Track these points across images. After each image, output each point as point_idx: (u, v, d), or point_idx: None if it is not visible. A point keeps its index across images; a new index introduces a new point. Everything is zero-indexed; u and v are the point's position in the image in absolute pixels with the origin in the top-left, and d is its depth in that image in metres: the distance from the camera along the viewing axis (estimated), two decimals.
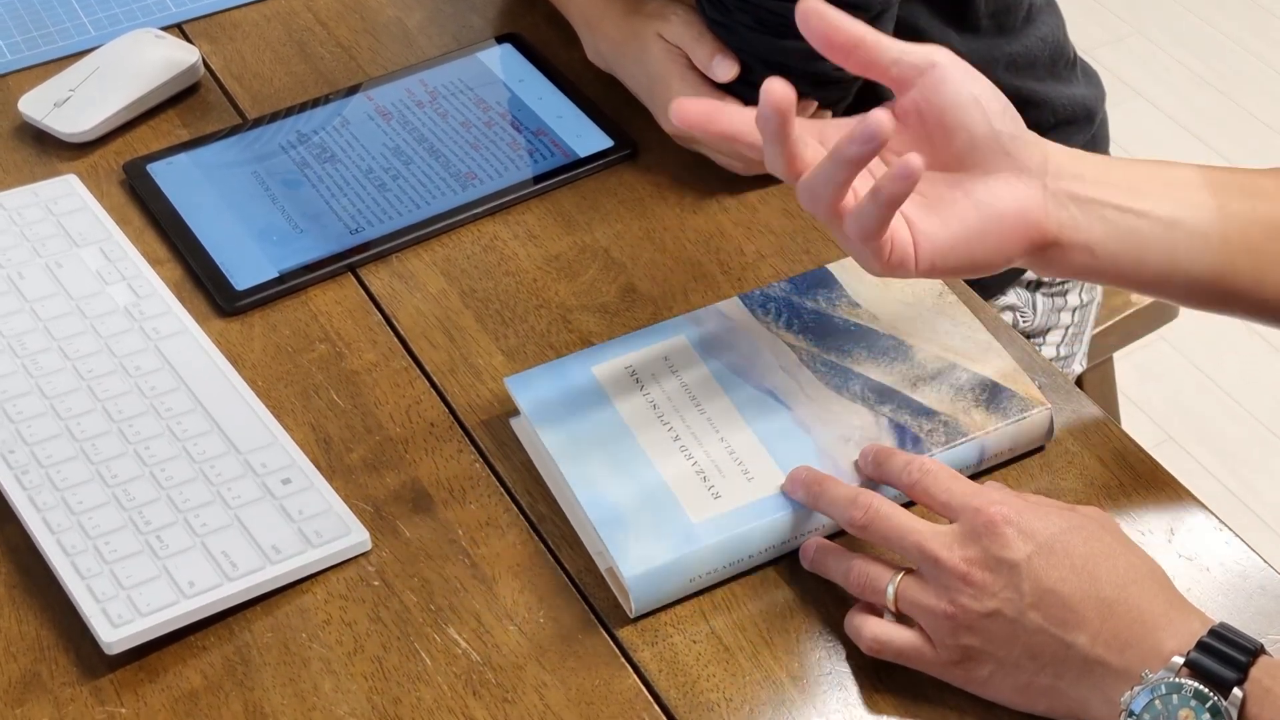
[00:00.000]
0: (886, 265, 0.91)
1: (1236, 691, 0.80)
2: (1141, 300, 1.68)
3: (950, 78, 0.92)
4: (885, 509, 0.91)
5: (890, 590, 0.90)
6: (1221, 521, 0.99)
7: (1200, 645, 0.82)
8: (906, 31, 1.26)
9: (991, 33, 1.34)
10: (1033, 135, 0.94)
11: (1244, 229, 0.95)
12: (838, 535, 0.97)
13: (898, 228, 0.91)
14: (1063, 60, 1.42)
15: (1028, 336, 1.45)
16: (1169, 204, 0.94)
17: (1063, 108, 1.40)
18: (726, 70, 1.14)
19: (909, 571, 0.90)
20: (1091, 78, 1.47)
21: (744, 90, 1.15)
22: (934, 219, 0.92)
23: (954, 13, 1.30)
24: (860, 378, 1.02)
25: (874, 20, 1.13)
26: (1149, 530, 0.98)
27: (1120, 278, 0.95)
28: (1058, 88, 1.40)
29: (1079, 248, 0.93)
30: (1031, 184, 0.92)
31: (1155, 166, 0.96)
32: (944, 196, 0.93)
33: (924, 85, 0.92)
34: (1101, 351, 1.68)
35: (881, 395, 1.01)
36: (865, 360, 1.03)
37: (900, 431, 0.99)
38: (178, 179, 1.22)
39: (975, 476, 1.01)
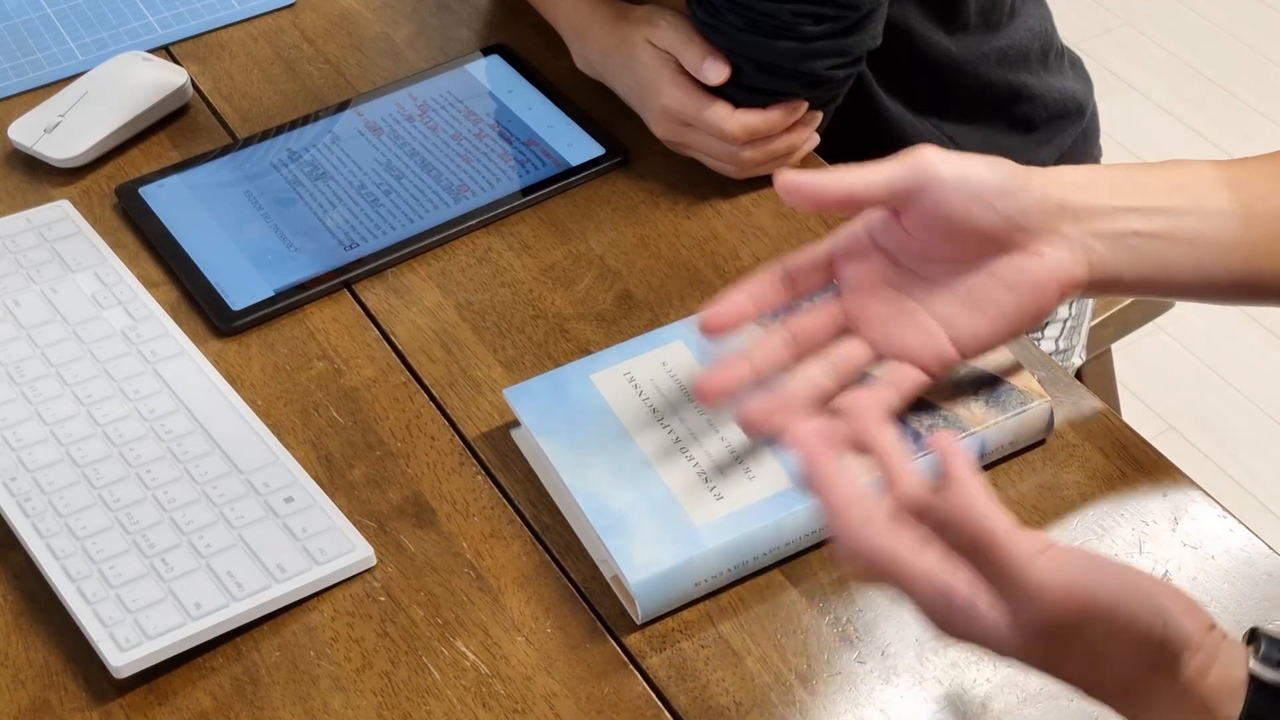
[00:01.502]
0: (934, 378, 0.95)
1: None
2: None
3: (947, 188, 0.91)
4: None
5: None
6: (1225, 509, 0.99)
7: None
8: (897, 31, 1.26)
9: (980, 29, 1.34)
10: (1040, 182, 0.93)
11: (1269, 228, 0.94)
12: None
13: (932, 338, 0.94)
14: (1052, 52, 1.42)
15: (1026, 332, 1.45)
16: (1192, 219, 0.93)
17: (1054, 101, 1.40)
18: (718, 73, 1.14)
19: None
20: (1079, 70, 1.47)
21: (735, 93, 1.15)
22: (968, 312, 0.94)
23: (943, 12, 1.31)
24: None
25: (863, 19, 1.13)
26: (1152, 520, 0.98)
27: (1147, 292, 0.96)
28: (1048, 80, 1.40)
29: (1109, 280, 0.93)
30: (1054, 243, 0.92)
31: (1172, 174, 0.95)
32: (974, 286, 0.93)
33: (925, 201, 0.92)
34: (1100, 343, 1.68)
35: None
36: None
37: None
38: (170, 201, 1.22)
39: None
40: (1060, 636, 0.75)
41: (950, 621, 0.77)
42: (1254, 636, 0.78)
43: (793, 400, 0.94)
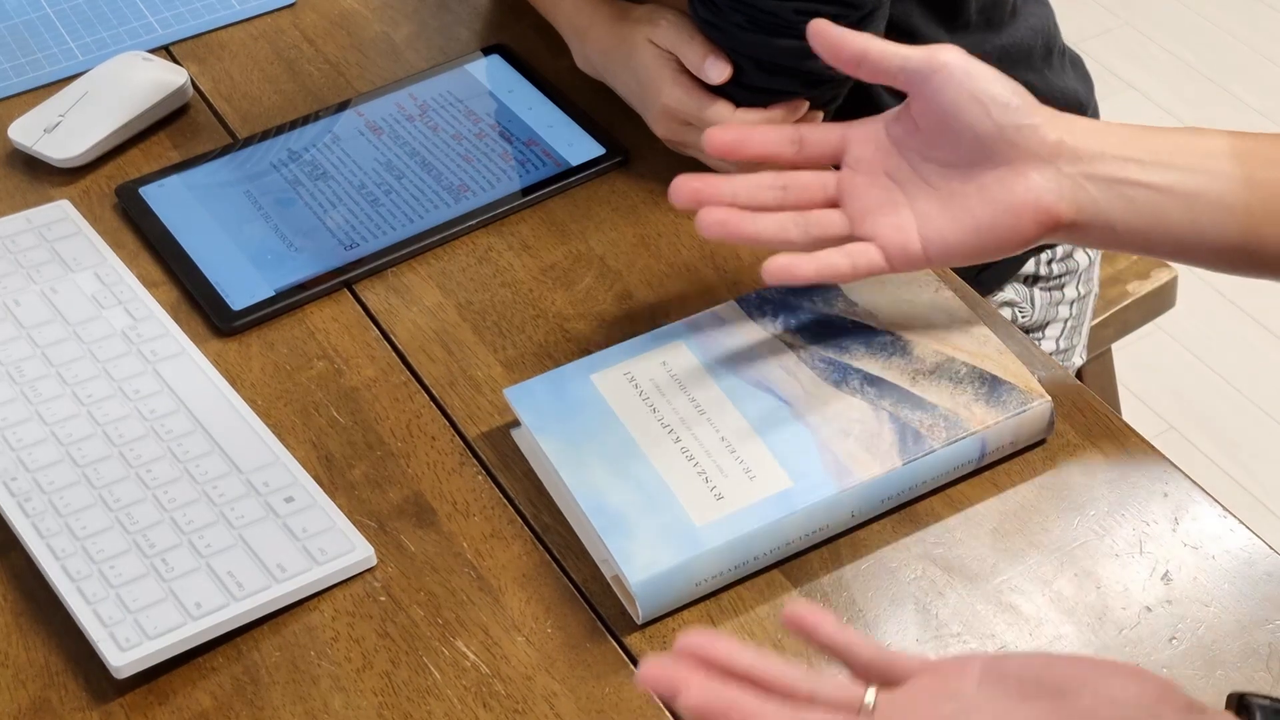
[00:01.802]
0: (893, 267, 0.97)
1: None
2: (1139, 291, 1.68)
3: (951, 80, 0.95)
4: None
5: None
6: (1226, 509, 0.99)
7: None
8: (898, 30, 1.26)
9: (981, 27, 1.34)
10: (1048, 116, 0.95)
11: (1269, 198, 0.94)
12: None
13: (904, 229, 0.95)
14: (1055, 51, 1.42)
15: (1026, 331, 1.45)
16: (1192, 177, 0.94)
17: (1055, 100, 1.40)
18: (719, 72, 1.14)
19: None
20: (1080, 69, 1.47)
21: (736, 91, 1.15)
22: (944, 215, 0.96)
23: (945, 10, 1.31)
24: (859, 373, 1.02)
25: (865, 18, 1.13)
26: (1152, 520, 0.98)
27: (1142, 248, 0.97)
28: (1050, 79, 1.40)
29: (1099, 225, 0.95)
30: (1044, 171, 0.94)
31: (1182, 136, 0.96)
32: (955, 191, 0.96)
33: (927, 90, 0.96)
34: (1100, 343, 1.68)
35: (881, 390, 1.01)
36: (864, 356, 1.03)
37: (900, 427, 0.99)
38: (170, 201, 1.22)
39: (978, 471, 1.01)
40: None
41: None
42: (1243, 706, 0.77)
43: (757, 227, 0.99)
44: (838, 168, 1.01)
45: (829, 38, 0.98)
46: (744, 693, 0.76)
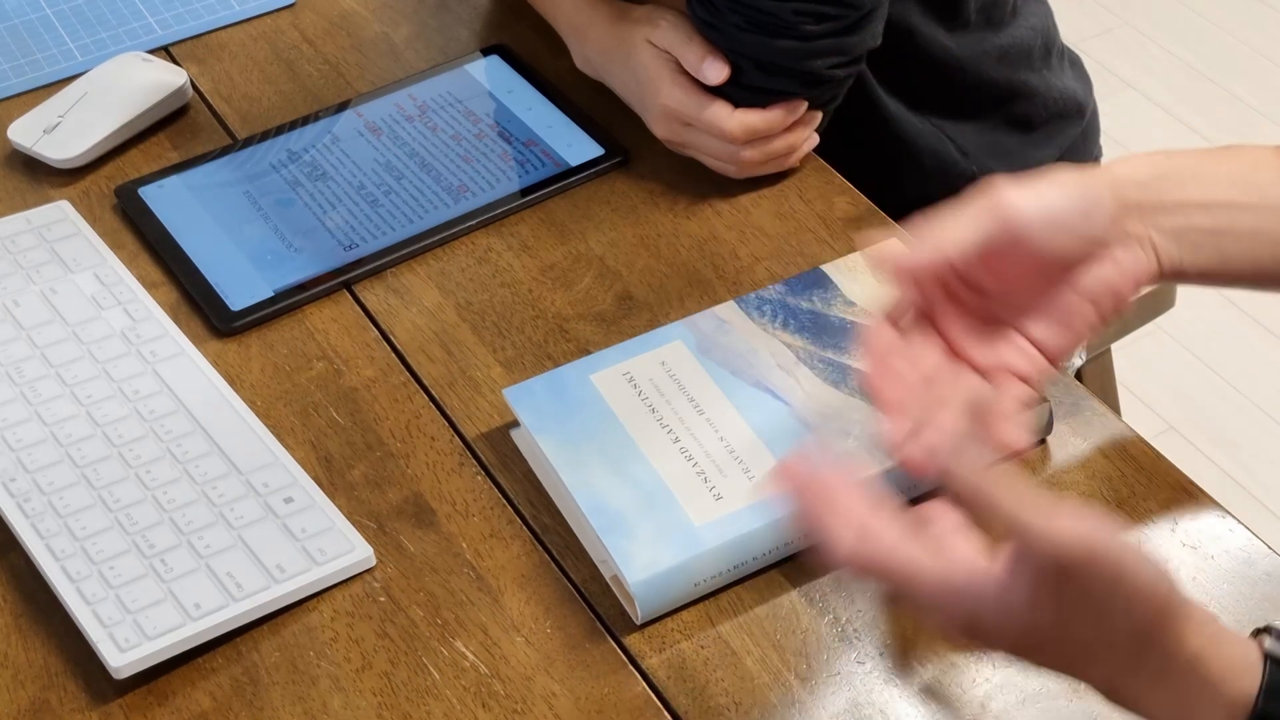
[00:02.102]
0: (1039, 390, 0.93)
1: None
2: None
3: (1033, 234, 0.89)
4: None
5: None
6: (1225, 510, 0.99)
7: None
8: (898, 29, 1.26)
9: (980, 27, 1.34)
10: (1109, 191, 0.91)
11: None
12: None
13: (1028, 360, 0.93)
14: (1054, 51, 1.42)
15: None
16: (1249, 215, 0.93)
17: (1054, 101, 1.40)
18: (717, 73, 1.14)
19: None
20: (1079, 69, 1.47)
21: (735, 92, 1.15)
22: (1059, 331, 0.93)
23: (944, 10, 1.30)
24: (859, 373, 1.02)
25: (864, 18, 1.13)
26: (1152, 520, 0.98)
27: (1208, 283, 0.96)
28: (1049, 79, 1.40)
29: (1173, 272, 0.93)
30: (1127, 245, 0.91)
31: (1234, 165, 0.94)
32: (1058, 305, 0.92)
33: (1014, 253, 0.90)
34: (1099, 343, 1.68)
35: None
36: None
37: None
38: (170, 201, 1.22)
39: None
40: (1067, 583, 0.74)
41: (956, 609, 0.77)
42: (1262, 630, 0.78)
43: (946, 442, 0.91)
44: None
45: (907, 268, 0.91)
46: (894, 548, 0.77)
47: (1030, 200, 0.91)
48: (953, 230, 0.90)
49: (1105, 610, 0.76)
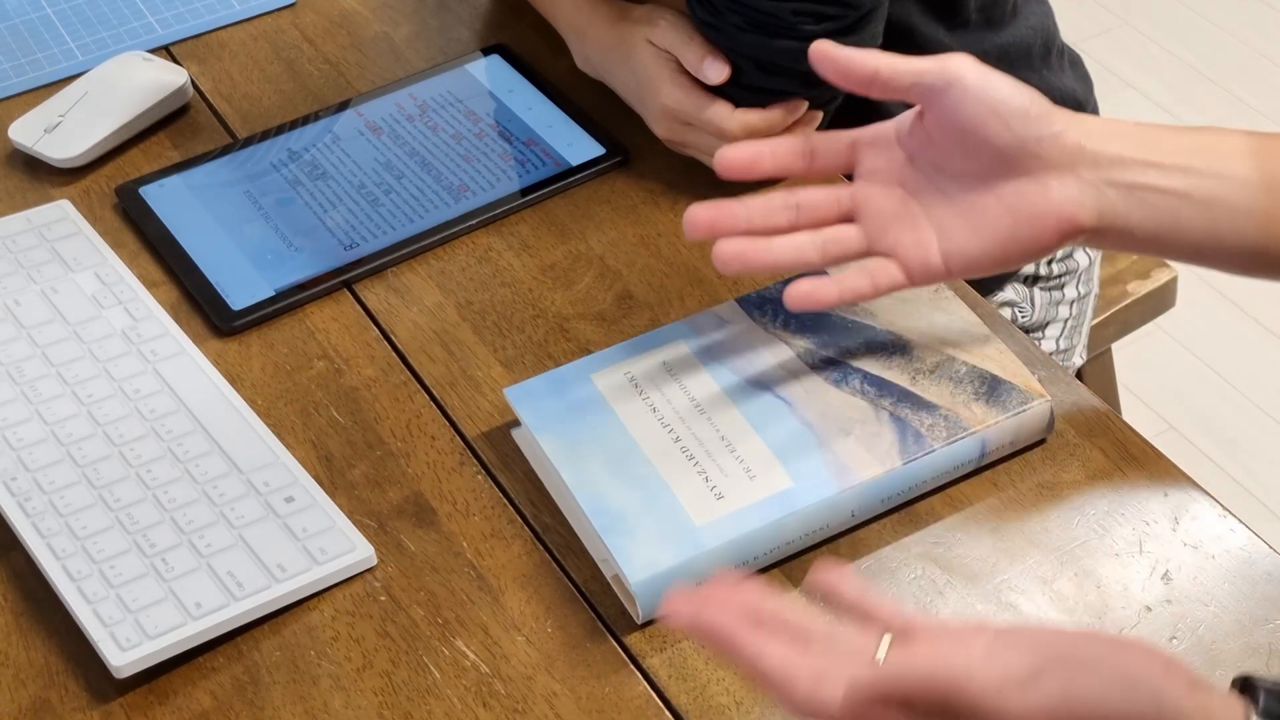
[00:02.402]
0: (914, 282, 0.96)
1: None
2: (1139, 290, 1.68)
3: (967, 94, 0.93)
4: None
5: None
6: (1225, 509, 0.99)
7: None
8: (898, 29, 1.26)
9: (980, 26, 1.34)
10: (1067, 122, 0.94)
11: None
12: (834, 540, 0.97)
13: (923, 243, 0.95)
14: (1054, 50, 1.42)
15: (1026, 331, 1.45)
16: (1210, 181, 0.93)
17: (1054, 100, 1.39)
18: (717, 72, 1.15)
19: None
20: (1079, 69, 1.47)
21: (735, 92, 1.15)
22: (964, 228, 0.95)
23: (944, 9, 1.30)
24: (859, 372, 1.02)
25: (864, 18, 1.13)
26: (1153, 520, 0.98)
27: (1158, 251, 0.96)
28: (1049, 78, 1.40)
29: (1117, 230, 0.93)
30: (1064, 180, 0.93)
31: (1202, 137, 0.95)
32: (975, 204, 0.95)
33: (943, 104, 0.94)
34: (1100, 343, 1.68)
35: (881, 389, 1.01)
36: (864, 355, 1.03)
37: (901, 426, 0.99)
38: (170, 201, 1.22)
39: (978, 471, 1.01)
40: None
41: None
42: (1246, 686, 0.77)
43: (774, 253, 0.97)
44: (849, 178, 1.01)
45: (835, 61, 0.96)
46: (754, 628, 0.77)
47: (977, 70, 0.94)
48: (896, 58, 0.94)
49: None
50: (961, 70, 0.94)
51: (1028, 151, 0.93)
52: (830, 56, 0.95)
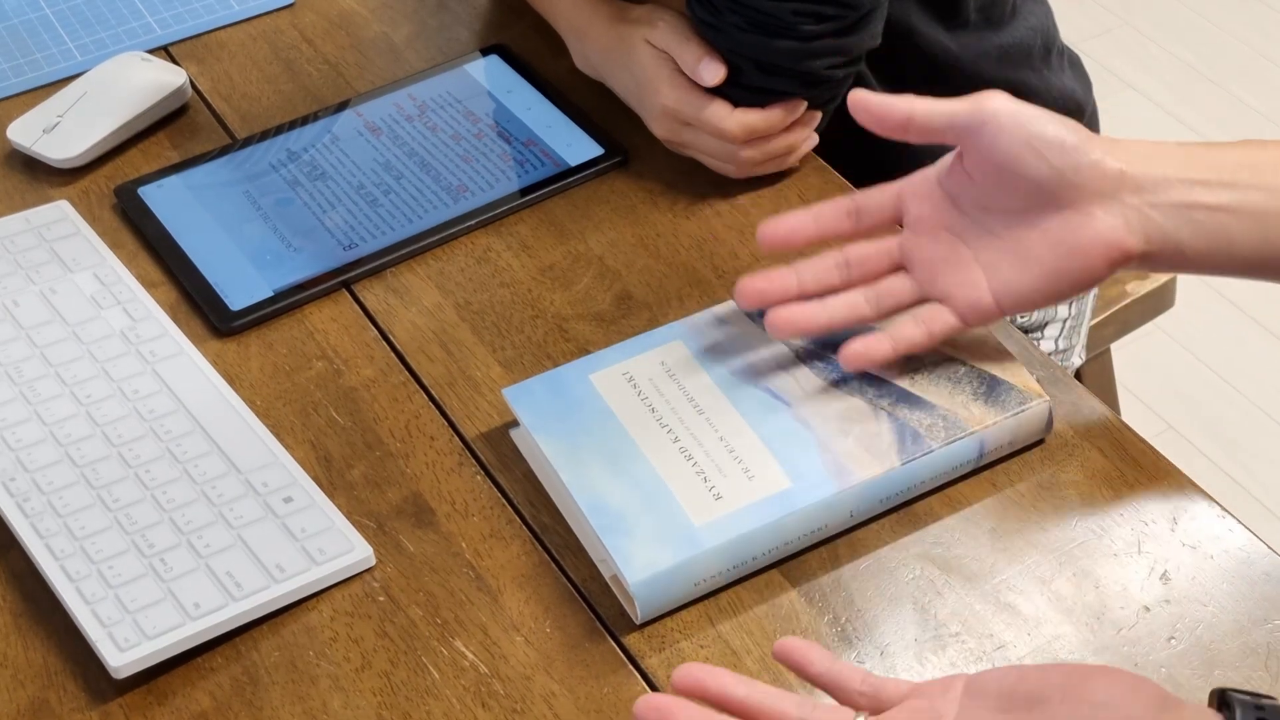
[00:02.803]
0: (968, 324, 0.97)
1: None
2: (1138, 290, 1.68)
3: (1002, 130, 0.92)
4: None
5: None
6: (1224, 509, 0.99)
7: None
8: (897, 29, 1.26)
9: (980, 26, 1.34)
10: (1105, 148, 0.93)
11: None
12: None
13: (974, 284, 0.95)
14: (1054, 50, 1.42)
15: (1025, 331, 1.45)
16: (1258, 194, 0.92)
17: (1054, 101, 1.40)
18: (713, 73, 1.14)
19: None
20: (1079, 69, 1.47)
21: (735, 92, 1.15)
22: (1012, 266, 0.94)
23: (944, 9, 1.30)
24: (858, 373, 1.02)
25: (864, 18, 1.13)
26: (1151, 520, 0.98)
27: (1212, 269, 0.95)
28: (1048, 79, 1.40)
29: (1169, 252, 0.93)
30: (1109, 208, 0.92)
31: (1245, 152, 0.94)
32: (1020, 239, 0.94)
33: (979, 143, 0.93)
34: (1099, 343, 1.68)
35: (880, 389, 1.01)
36: None
37: (899, 427, 0.99)
38: (169, 201, 1.22)
39: (976, 471, 1.01)
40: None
41: None
42: (1224, 701, 0.77)
43: (829, 314, 0.99)
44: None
45: (871, 109, 0.96)
46: None
47: (1012, 105, 0.93)
48: (931, 100, 0.94)
49: None
50: (995, 107, 0.93)
51: (1068, 182, 0.92)
52: (866, 105, 0.96)
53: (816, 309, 0.99)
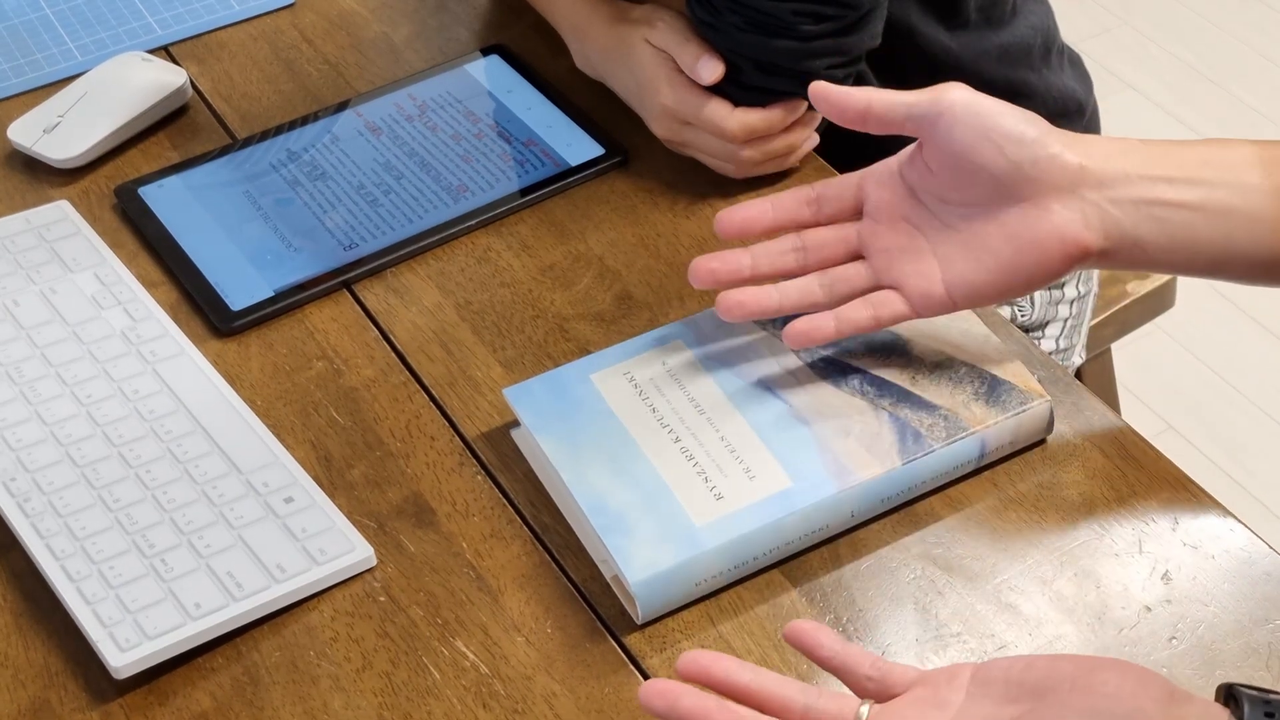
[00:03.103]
0: (918, 313, 0.97)
1: None
2: (1138, 290, 1.68)
3: (958, 121, 0.93)
4: None
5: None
6: (1225, 509, 0.99)
7: None
8: (897, 29, 1.26)
9: (981, 25, 1.34)
10: (1065, 142, 0.92)
11: None
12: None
13: (927, 274, 0.95)
14: (1054, 49, 1.42)
15: (1026, 331, 1.45)
16: (1222, 191, 0.92)
17: (1054, 100, 1.40)
18: (710, 72, 1.14)
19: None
20: (1079, 68, 1.47)
21: (735, 92, 1.15)
22: (967, 258, 0.94)
23: (944, 8, 1.30)
24: (859, 373, 1.02)
25: (864, 18, 1.13)
26: (1152, 520, 0.98)
27: (1174, 268, 0.95)
28: (1048, 77, 1.40)
29: (1129, 249, 0.92)
30: (1067, 203, 0.91)
31: (1208, 149, 0.94)
32: (977, 232, 0.94)
33: (937, 134, 0.93)
34: (1099, 343, 1.68)
35: (881, 389, 1.01)
36: (863, 355, 1.03)
37: (900, 426, 0.99)
38: (170, 201, 1.22)
39: (977, 471, 1.01)
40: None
41: None
42: (1231, 696, 0.77)
43: (781, 298, 0.99)
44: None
45: (831, 99, 0.97)
46: (734, 707, 0.79)
47: (969, 97, 0.93)
48: (889, 92, 0.95)
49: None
50: (952, 99, 0.93)
51: (1026, 176, 0.92)
52: (825, 95, 0.97)
53: (769, 292, 0.99)
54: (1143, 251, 0.92)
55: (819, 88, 0.97)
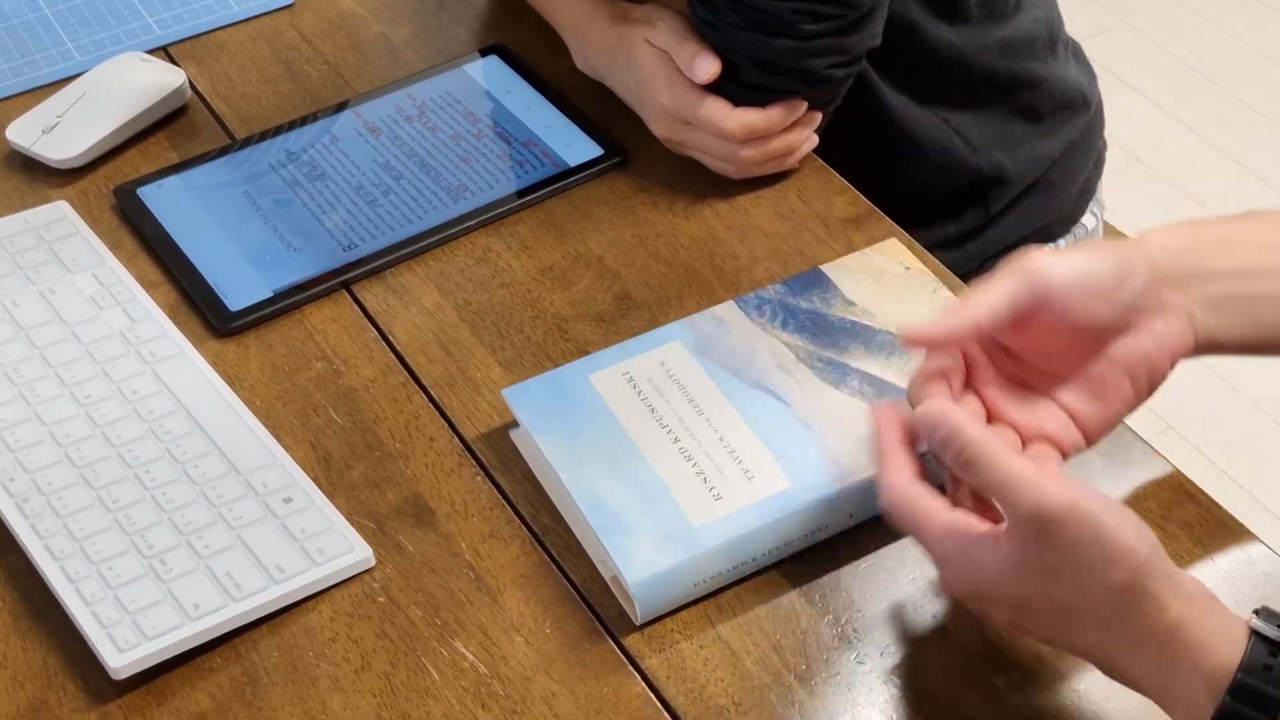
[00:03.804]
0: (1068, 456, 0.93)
1: None
2: None
3: (1066, 299, 0.89)
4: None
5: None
6: (1225, 510, 0.99)
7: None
8: (899, 26, 1.26)
9: (982, 20, 1.33)
10: (1144, 258, 0.90)
11: None
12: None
13: (1064, 430, 0.92)
14: (1059, 42, 1.42)
15: None
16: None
17: (1060, 91, 1.40)
18: (706, 70, 1.14)
19: None
20: (1083, 61, 1.48)
21: (735, 90, 1.15)
22: (1095, 403, 0.92)
23: (945, 4, 1.30)
24: (858, 373, 1.02)
25: (864, 18, 1.13)
26: (1152, 520, 0.98)
27: (1246, 352, 0.97)
28: (1053, 68, 1.40)
29: (1210, 344, 0.93)
30: (1165, 316, 0.91)
31: (1263, 230, 0.94)
32: (1094, 376, 0.92)
33: (1045, 316, 0.89)
34: None
35: (880, 389, 1.01)
36: (862, 355, 1.03)
37: None
38: (169, 201, 1.22)
39: None
40: (1048, 541, 0.79)
41: (954, 555, 0.84)
42: (1258, 611, 0.79)
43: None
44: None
45: (936, 335, 0.89)
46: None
47: (1063, 266, 0.90)
48: (985, 295, 0.89)
49: (1084, 570, 0.79)
50: (1049, 275, 0.89)
51: (1125, 314, 0.90)
52: (922, 334, 0.89)
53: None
54: (1219, 345, 0.94)
55: (909, 332, 0.89)
